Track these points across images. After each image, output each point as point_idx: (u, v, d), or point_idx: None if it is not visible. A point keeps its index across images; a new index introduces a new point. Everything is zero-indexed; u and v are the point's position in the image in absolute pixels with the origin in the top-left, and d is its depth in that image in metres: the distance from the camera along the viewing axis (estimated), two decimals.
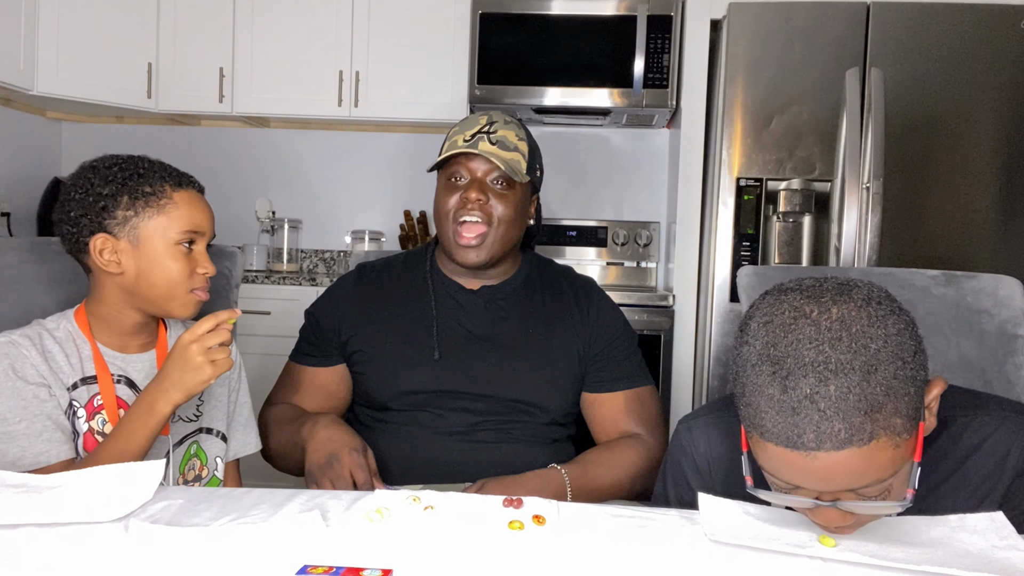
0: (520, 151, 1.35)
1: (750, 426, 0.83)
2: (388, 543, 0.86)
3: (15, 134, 3.15)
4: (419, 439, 1.35)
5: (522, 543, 0.87)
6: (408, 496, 0.97)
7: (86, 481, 0.97)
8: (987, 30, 2.41)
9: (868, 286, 0.86)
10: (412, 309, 1.40)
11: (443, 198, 1.36)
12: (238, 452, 1.34)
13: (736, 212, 2.52)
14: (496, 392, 1.34)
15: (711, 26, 2.69)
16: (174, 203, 1.15)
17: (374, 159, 3.40)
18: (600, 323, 1.41)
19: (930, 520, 0.90)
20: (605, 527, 0.92)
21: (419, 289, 1.42)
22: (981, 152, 2.43)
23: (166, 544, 0.83)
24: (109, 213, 1.13)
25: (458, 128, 1.38)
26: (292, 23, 3.01)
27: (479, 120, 1.36)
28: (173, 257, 1.14)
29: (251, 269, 3.16)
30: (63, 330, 1.18)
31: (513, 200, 1.35)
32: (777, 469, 0.81)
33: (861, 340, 0.78)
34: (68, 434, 1.12)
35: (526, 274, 1.45)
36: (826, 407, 0.76)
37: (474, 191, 1.32)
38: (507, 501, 0.97)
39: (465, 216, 1.32)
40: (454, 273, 1.42)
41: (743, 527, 0.89)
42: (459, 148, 1.32)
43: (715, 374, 2.57)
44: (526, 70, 2.87)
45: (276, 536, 0.85)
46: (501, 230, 1.34)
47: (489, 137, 1.33)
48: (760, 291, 1.44)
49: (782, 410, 0.78)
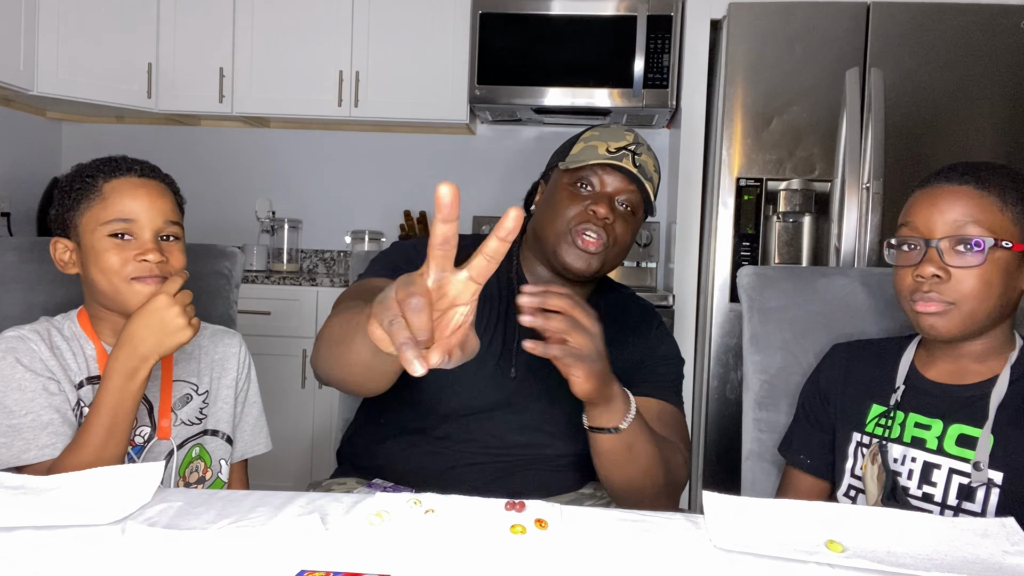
0: (654, 182, 1.26)
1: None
2: (388, 547, 0.85)
3: (15, 134, 3.15)
4: (464, 452, 1.26)
5: (524, 548, 0.86)
6: (409, 499, 0.96)
7: (84, 483, 0.97)
8: (987, 30, 2.41)
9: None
10: (494, 308, 1.28)
11: (564, 202, 1.24)
12: (246, 452, 1.33)
13: (736, 212, 2.52)
14: (554, 415, 1.26)
15: (711, 26, 2.69)
16: (102, 194, 1.12)
17: (374, 159, 3.40)
18: (654, 345, 1.34)
19: (941, 523, 0.90)
20: (609, 531, 0.91)
21: (504, 286, 1.29)
22: (981, 152, 2.43)
23: (163, 547, 0.82)
24: (60, 216, 1.14)
25: (599, 134, 1.27)
26: (292, 23, 3.01)
27: (625, 135, 1.26)
28: (105, 248, 1.10)
29: (251, 269, 3.16)
30: (68, 329, 1.18)
31: (634, 227, 1.27)
32: (909, 210, 1.08)
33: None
34: (74, 429, 1.11)
35: (593, 298, 1.33)
36: (960, 166, 1.05)
37: (603, 207, 1.21)
38: (509, 504, 0.95)
39: (586, 231, 1.22)
40: (541, 281, 1.29)
41: (749, 531, 0.89)
42: (608, 159, 1.21)
43: (715, 374, 2.57)
44: (526, 70, 2.87)
45: (274, 540, 0.85)
46: (614, 252, 1.25)
47: (635, 158, 1.23)
48: (760, 291, 1.46)
49: (934, 171, 1.08)
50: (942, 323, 1.03)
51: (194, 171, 3.38)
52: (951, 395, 1.08)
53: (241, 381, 1.31)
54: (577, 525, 0.93)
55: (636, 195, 1.24)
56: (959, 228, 1.01)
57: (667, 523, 0.94)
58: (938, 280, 1.02)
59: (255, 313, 2.75)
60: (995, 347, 1.07)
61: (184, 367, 1.24)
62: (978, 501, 1.01)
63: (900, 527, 0.89)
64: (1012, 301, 1.04)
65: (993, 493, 1.01)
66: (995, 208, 1.01)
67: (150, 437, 1.17)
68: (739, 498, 0.95)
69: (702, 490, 0.98)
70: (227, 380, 1.28)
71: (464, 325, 0.73)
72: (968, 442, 1.04)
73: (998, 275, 1.01)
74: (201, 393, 1.25)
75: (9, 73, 2.64)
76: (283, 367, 2.83)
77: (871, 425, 1.15)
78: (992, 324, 1.05)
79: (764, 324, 1.44)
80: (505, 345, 1.27)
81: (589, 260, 1.22)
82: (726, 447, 2.54)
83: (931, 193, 1.05)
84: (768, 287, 1.46)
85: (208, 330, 1.29)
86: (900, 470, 1.10)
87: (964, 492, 1.02)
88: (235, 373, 1.29)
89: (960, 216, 1.01)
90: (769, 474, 1.40)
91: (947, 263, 1.01)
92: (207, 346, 1.28)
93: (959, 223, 1.01)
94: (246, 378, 1.32)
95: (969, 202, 1.01)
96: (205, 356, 1.27)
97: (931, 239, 1.03)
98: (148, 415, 1.18)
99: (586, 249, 1.22)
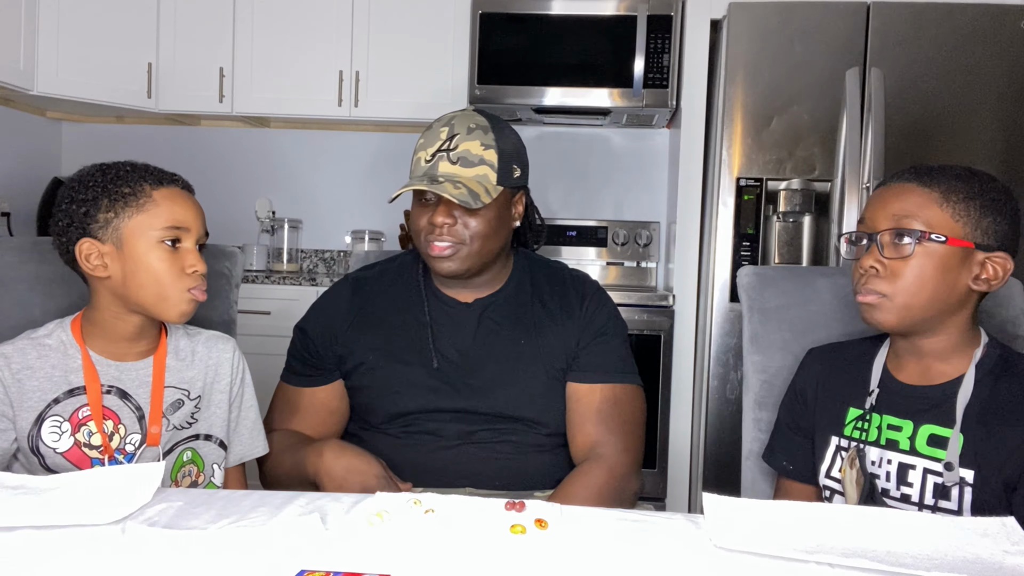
0: (487, 162, 1.26)
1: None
2: (388, 547, 0.85)
3: (15, 134, 3.15)
4: (415, 448, 1.33)
5: (524, 547, 0.86)
6: (409, 499, 0.96)
7: (84, 483, 0.97)
8: (987, 30, 2.40)
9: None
10: (407, 323, 1.37)
11: (416, 217, 1.32)
12: (244, 456, 1.32)
13: (736, 212, 2.52)
14: (492, 409, 1.32)
15: (711, 26, 2.69)
16: (154, 201, 1.13)
17: (374, 159, 3.40)
18: (589, 317, 1.36)
19: (941, 522, 0.90)
20: (608, 531, 0.91)
21: (414, 302, 1.38)
22: (981, 152, 2.43)
23: (163, 547, 0.82)
24: (91, 217, 1.12)
25: (423, 141, 1.30)
26: (292, 23, 3.01)
27: (439, 134, 1.28)
28: (158, 256, 1.12)
29: (251, 269, 3.16)
30: (55, 338, 1.17)
31: (486, 215, 1.27)
32: (864, 208, 1.13)
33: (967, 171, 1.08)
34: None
35: (517, 280, 1.40)
36: (914, 167, 1.09)
37: (440, 215, 1.26)
38: (509, 504, 0.95)
39: (435, 240, 1.28)
40: (446, 286, 1.38)
41: (749, 531, 0.89)
42: (414, 184, 1.26)
43: (715, 374, 2.57)
44: (526, 70, 2.87)
45: (274, 540, 0.85)
46: (476, 245, 1.28)
47: (449, 156, 1.26)
48: (760, 291, 1.46)
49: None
50: (880, 315, 1.07)
51: (194, 171, 3.34)
52: (920, 396, 1.10)
53: (235, 386, 1.30)
54: (577, 525, 0.93)
55: (464, 192, 1.24)
56: (898, 222, 1.05)
57: (667, 523, 0.94)
58: (875, 272, 1.06)
59: (255, 313, 2.75)
60: (957, 344, 1.09)
61: (176, 373, 1.23)
62: (954, 499, 1.04)
63: (900, 526, 0.90)
64: (957, 296, 1.05)
65: (967, 492, 1.03)
66: (934, 204, 1.04)
67: (141, 443, 1.17)
68: (739, 499, 0.95)
69: (702, 491, 0.98)
70: (220, 385, 1.28)
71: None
72: (939, 442, 1.06)
73: (932, 268, 1.03)
74: (193, 398, 1.24)
75: (9, 73, 2.64)
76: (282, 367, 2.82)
77: (849, 428, 1.16)
78: (939, 319, 1.07)
79: (764, 324, 1.44)
80: (421, 343, 1.35)
81: (450, 262, 1.29)
82: (726, 447, 2.54)
83: (881, 190, 1.11)
84: (768, 287, 1.46)
85: (203, 335, 1.29)
86: (878, 472, 1.11)
87: (939, 491, 1.04)
88: (229, 378, 1.28)
89: (899, 210, 1.05)
90: (769, 474, 1.40)
91: (885, 255, 1.05)
92: (201, 352, 1.27)
93: (898, 217, 1.05)
94: (240, 382, 1.31)
95: (910, 197, 1.06)
96: (199, 362, 1.26)
97: (875, 232, 1.07)
98: (138, 422, 1.18)
99: (440, 255, 1.28)
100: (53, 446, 1.12)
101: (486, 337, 1.35)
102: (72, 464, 1.13)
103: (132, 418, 1.17)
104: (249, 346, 1.34)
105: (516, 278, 1.40)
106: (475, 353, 1.35)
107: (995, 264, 1.04)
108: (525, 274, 1.41)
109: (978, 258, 1.04)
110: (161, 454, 1.18)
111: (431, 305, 1.37)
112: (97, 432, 1.14)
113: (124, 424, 1.16)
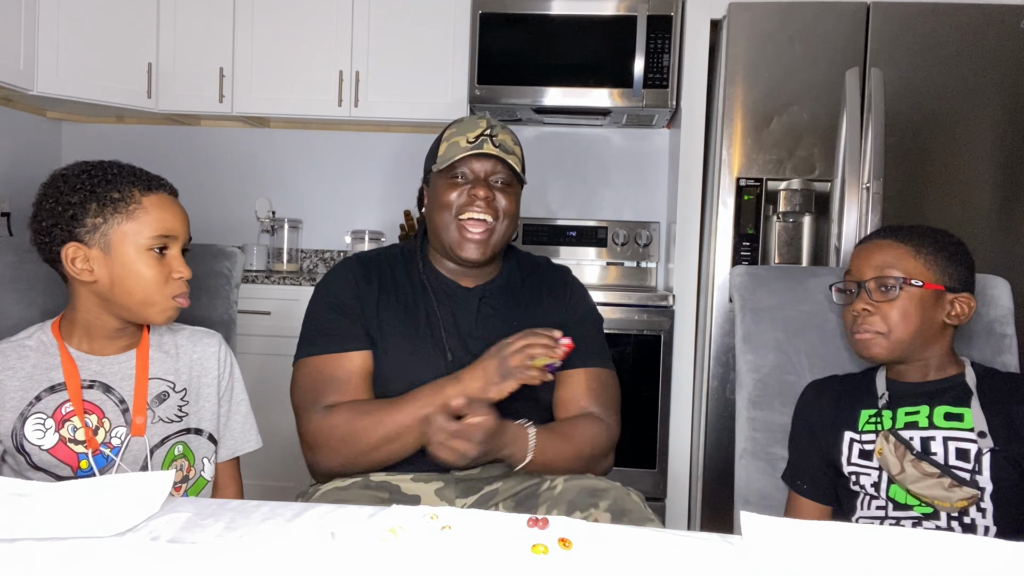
0: (517, 154, 1.43)
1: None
2: (402, 564, 0.80)
3: (15, 134, 3.15)
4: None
5: (546, 569, 0.80)
6: (425, 514, 0.91)
7: (89, 491, 0.95)
8: (987, 30, 2.40)
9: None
10: (416, 305, 1.41)
11: (446, 195, 1.39)
12: (237, 450, 1.33)
13: (736, 212, 2.52)
14: None
15: (711, 26, 2.69)
16: (143, 208, 1.13)
17: (374, 159, 3.40)
18: (571, 306, 1.48)
19: (988, 546, 0.87)
20: (637, 552, 0.85)
21: (417, 286, 1.44)
22: (980, 152, 2.43)
23: (166, 564, 0.79)
24: (79, 221, 1.12)
25: (456, 130, 1.42)
26: (292, 23, 3.01)
27: (479, 123, 1.41)
28: (146, 263, 1.13)
29: (251, 269, 3.16)
30: (35, 339, 1.17)
31: (515, 196, 1.43)
32: (850, 262, 1.33)
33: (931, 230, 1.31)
34: None
35: (509, 269, 1.51)
36: (889, 227, 1.33)
37: (482, 188, 1.37)
38: (531, 521, 0.90)
39: (472, 213, 1.37)
40: (450, 272, 1.45)
41: (790, 556, 0.84)
42: (470, 150, 1.37)
43: (715, 374, 2.57)
44: (526, 70, 2.87)
45: (284, 556, 0.82)
46: (505, 224, 1.40)
47: (492, 140, 1.39)
48: (752, 291, 1.49)
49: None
50: (876, 348, 1.27)
51: (194, 171, 3.38)
52: (931, 386, 1.28)
53: (224, 380, 1.30)
54: (603, 545, 0.86)
55: (505, 170, 1.41)
56: (881, 271, 1.27)
57: (701, 543, 0.88)
58: (868, 313, 1.27)
59: (255, 313, 2.75)
60: (942, 364, 1.29)
61: (160, 365, 1.23)
62: (971, 460, 1.18)
63: (946, 550, 0.85)
64: (935, 329, 1.27)
65: (985, 457, 1.18)
66: (909, 255, 1.27)
67: (127, 436, 1.17)
68: (778, 519, 0.90)
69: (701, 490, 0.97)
70: (208, 379, 1.28)
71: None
72: (954, 417, 1.22)
73: (914, 307, 1.25)
74: (178, 391, 1.24)
75: (9, 73, 2.64)
76: (282, 367, 2.80)
77: (862, 423, 1.28)
78: (923, 347, 1.27)
79: (757, 323, 1.45)
80: (433, 336, 1.39)
81: (481, 248, 1.38)
82: (726, 447, 2.53)
83: (863, 247, 1.33)
84: (760, 287, 1.47)
85: (186, 330, 1.29)
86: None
87: (960, 454, 1.20)
88: (216, 372, 1.28)
89: (881, 262, 1.28)
90: (763, 473, 1.40)
91: (874, 300, 1.27)
92: (185, 345, 1.27)
93: (881, 267, 1.27)
94: (229, 376, 1.31)
95: (889, 251, 1.28)
96: (183, 355, 1.26)
97: (862, 281, 1.28)
98: (123, 415, 1.17)
99: (474, 239, 1.37)
100: (38, 443, 1.12)
101: (485, 320, 1.42)
102: (59, 460, 1.12)
103: (116, 411, 1.17)
104: (249, 346, 1.34)
105: (507, 268, 1.52)
106: (476, 336, 1.39)
107: (961, 303, 1.27)
108: (514, 264, 1.53)
109: (948, 298, 1.27)
110: (148, 445, 1.17)
111: (435, 290, 1.43)
112: (81, 428, 1.13)
113: (108, 418, 1.16)
